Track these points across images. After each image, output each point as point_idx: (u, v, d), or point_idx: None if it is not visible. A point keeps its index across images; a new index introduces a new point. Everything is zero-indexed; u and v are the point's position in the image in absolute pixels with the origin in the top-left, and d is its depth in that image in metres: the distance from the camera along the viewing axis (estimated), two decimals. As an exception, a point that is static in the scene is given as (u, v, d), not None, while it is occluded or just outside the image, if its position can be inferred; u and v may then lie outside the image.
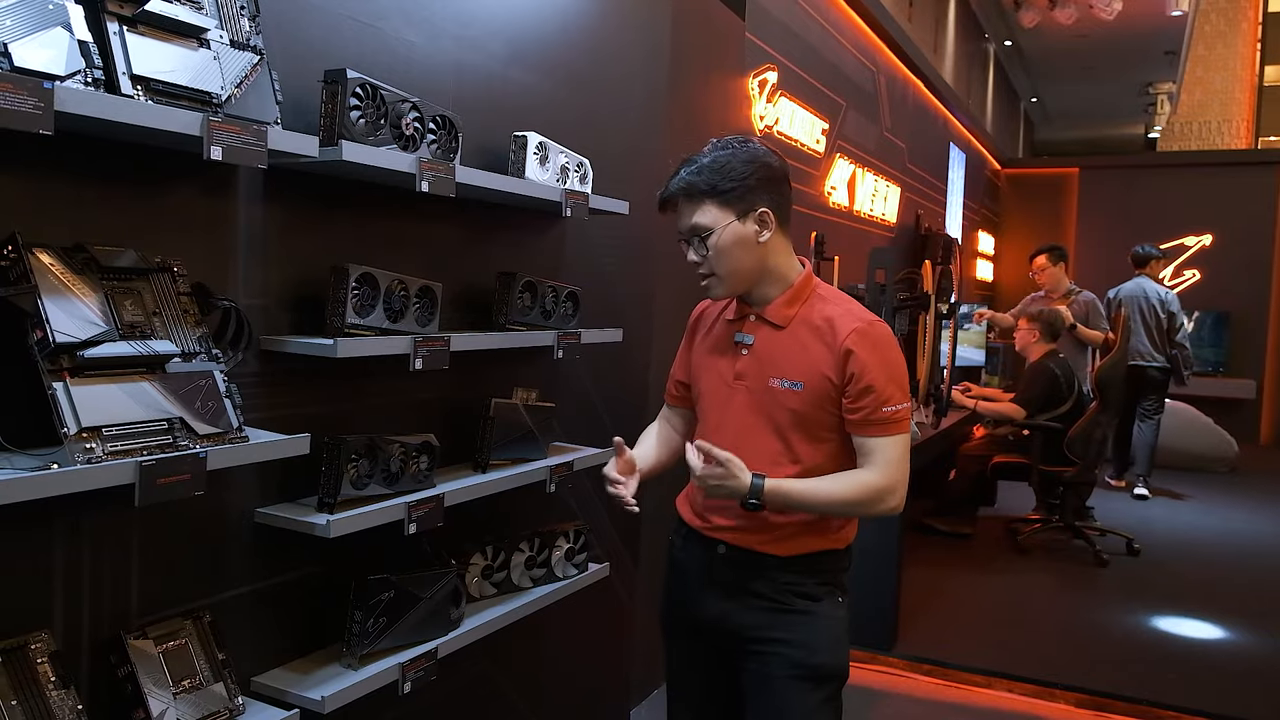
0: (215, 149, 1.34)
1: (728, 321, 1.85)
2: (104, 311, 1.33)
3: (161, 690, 1.44)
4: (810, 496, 1.70)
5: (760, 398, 1.76)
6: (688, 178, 1.72)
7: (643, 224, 2.73)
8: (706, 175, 1.71)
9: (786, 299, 1.78)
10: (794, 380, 1.73)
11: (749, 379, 1.78)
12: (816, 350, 1.73)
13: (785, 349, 1.76)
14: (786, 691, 1.76)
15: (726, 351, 1.82)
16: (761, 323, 1.79)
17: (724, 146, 1.75)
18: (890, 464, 1.72)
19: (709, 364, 1.85)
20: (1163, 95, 15.29)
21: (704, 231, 1.71)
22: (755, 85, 4.16)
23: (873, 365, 1.70)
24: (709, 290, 1.78)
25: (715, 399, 1.83)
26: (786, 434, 1.75)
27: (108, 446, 1.27)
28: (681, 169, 1.74)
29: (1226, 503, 6.79)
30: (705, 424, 1.86)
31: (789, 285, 1.78)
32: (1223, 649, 4.00)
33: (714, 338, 1.87)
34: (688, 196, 1.73)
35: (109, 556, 1.45)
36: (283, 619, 1.76)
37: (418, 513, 1.79)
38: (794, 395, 1.73)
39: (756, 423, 1.77)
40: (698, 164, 1.73)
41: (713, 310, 1.91)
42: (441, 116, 1.86)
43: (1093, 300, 5.96)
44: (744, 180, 1.71)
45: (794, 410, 1.73)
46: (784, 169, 1.79)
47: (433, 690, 2.08)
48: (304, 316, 1.75)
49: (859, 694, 3.48)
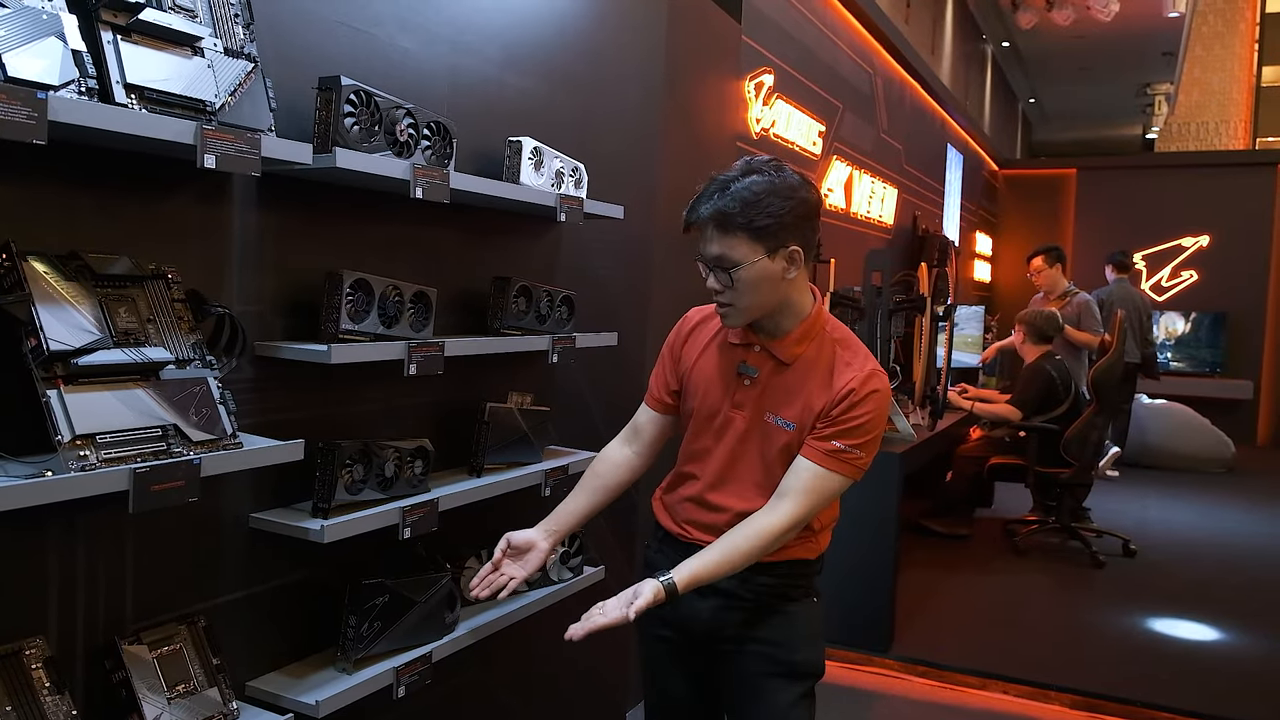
0: (209, 158, 1.35)
1: (731, 345, 1.82)
2: (98, 319, 1.33)
3: (156, 695, 1.45)
4: (719, 569, 1.69)
5: (754, 429, 1.77)
6: (722, 205, 1.63)
7: (638, 228, 2.73)
8: (742, 208, 1.63)
9: (797, 337, 1.75)
10: (789, 420, 1.74)
11: (747, 409, 1.77)
12: (816, 393, 1.73)
13: (787, 388, 1.75)
14: (764, 688, 1.78)
15: (728, 377, 1.80)
16: (767, 356, 1.77)
17: (760, 172, 1.66)
18: (805, 503, 1.69)
19: (708, 386, 1.83)
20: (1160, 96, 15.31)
21: (732, 265, 1.65)
22: (752, 88, 4.16)
23: (860, 406, 1.70)
24: (725, 319, 1.75)
25: (709, 422, 1.82)
26: (773, 467, 1.76)
27: (102, 454, 1.27)
28: (713, 191, 1.66)
29: (1223, 504, 6.80)
30: (694, 444, 1.85)
31: (801, 319, 1.75)
32: (1218, 650, 4.01)
33: (716, 359, 1.84)
34: (720, 227, 1.65)
35: (103, 562, 1.46)
36: (277, 624, 1.76)
37: (412, 517, 1.80)
38: (786, 434, 1.74)
39: (746, 452, 1.78)
40: (732, 192, 1.64)
41: (710, 325, 1.87)
42: (436, 123, 1.87)
43: (1088, 302, 5.96)
44: (780, 217, 1.64)
45: (784, 446, 1.74)
46: (818, 203, 1.73)
47: (427, 694, 2.09)
48: (298, 322, 1.75)
49: (854, 695, 3.49)
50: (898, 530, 3.88)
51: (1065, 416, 5.19)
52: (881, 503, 3.78)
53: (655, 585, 1.63)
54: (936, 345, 4.64)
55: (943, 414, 4.80)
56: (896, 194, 6.79)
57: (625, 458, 1.98)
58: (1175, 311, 9.89)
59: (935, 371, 4.66)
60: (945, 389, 4.87)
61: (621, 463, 1.98)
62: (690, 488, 1.85)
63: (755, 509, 1.74)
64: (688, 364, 1.88)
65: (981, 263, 10.38)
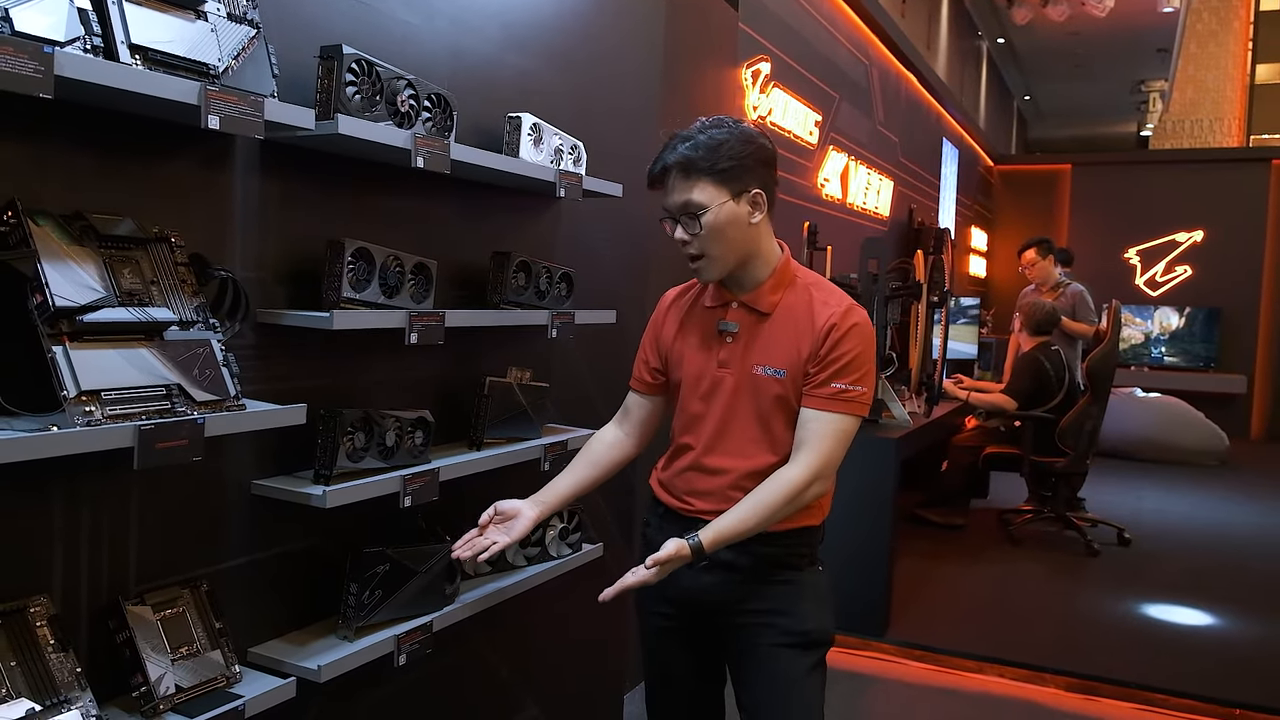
0: (213, 118, 1.36)
1: (707, 309, 1.85)
2: (102, 278, 1.34)
3: (159, 655, 1.45)
4: (746, 524, 1.70)
5: (744, 384, 1.78)
6: (685, 152, 1.70)
7: (636, 208, 2.74)
8: (704, 152, 1.69)
9: (771, 285, 1.78)
10: (777, 368, 1.75)
11: (733, 366, 1.79)
12: (800, 337, 1.75)
13: (770, 336, 1.77)
14: (776, 659, 1.78)
15: (709, 339, 1.83)
16: (745, 310, 1.79)
17: (718, 125, 1.73)
18: (820, 450, 1.71)
19: (690, 352, 1.85)
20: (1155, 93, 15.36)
21: (698, 209, 1.70)
22: (749, 76, 4.18)
23: (843, 342, 1.72)
24: (700, 272, 1.77)
25: (698, 387, 1.83)
26: (769, 420, 1.77)
27: (107, 410, 1.28)
28: (676, 144, 1.72)
29: (1217, 495, 6.83)
30: (685, 412, 1.86)
31: (772, 269, 1.79)
32: (1211, 635, 4.04)
33: (694, 325, 1.86)
34: (684, 172, 1.71)
35: (108, 524, 1.47)
36: (279, 591, 1.77)
37: (413, 486, 1.81)
38: (777, 383, 1.75)
39: (739, 409, 1.78)
40: (693, 140, 1.71)
41: (685, 299, 1.91)
42: (437, 95, 1.88)
43: (1081, 292, 6.00)
44: (742, 160, 1.70)
45: (777, 396, 1.75)
46: (774, 152, 1.79)
47: (427, 666, 2.10)
48: (300, 291, 1.76)
49: (851, 680, 3.51)
50: (894, 514, 3.90)
51: (1060, 406, 5.22)
52: (878, 486, 3.80)
53: (680, 542, 1.65)
54: (932, 333, 4.66)
55: (938, 401, 4.82)
56: (893, 186, 6.81)
57: (616, 438, 2.00)
58: (1169, 307, 9.93)
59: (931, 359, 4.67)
60: (941, 376, 4.89)
61: (613, 442, 2.00)
62: (687, 457, 1.85)
63: (757, 466, 1.75)
64: (669, 339, 1.90)
65: (977, 258, 10.41)
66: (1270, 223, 9.64)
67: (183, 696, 1.46)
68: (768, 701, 1.79)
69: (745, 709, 1.83)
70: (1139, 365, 9.86)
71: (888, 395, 4.26)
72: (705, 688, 1.93)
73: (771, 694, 1.79)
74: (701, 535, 1.67)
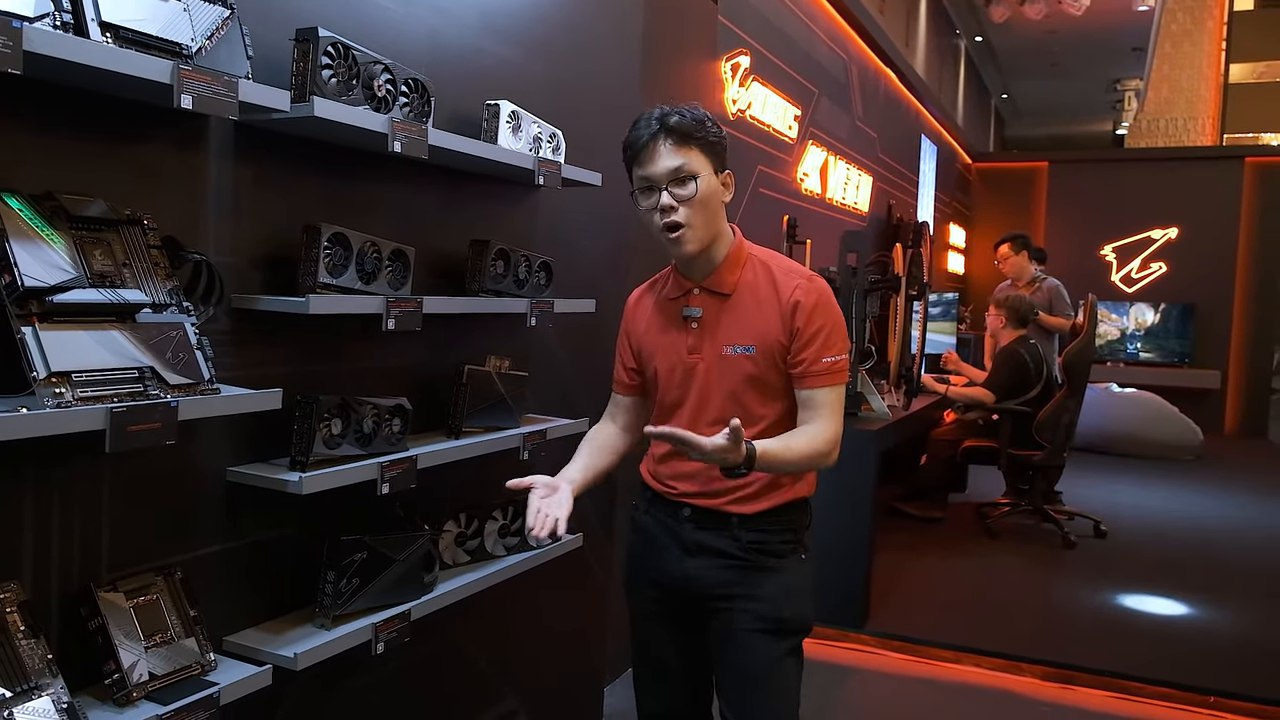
0: (185, 97, 1.34)
1: (670, 300, 1.86)
2: (73, 259, 1.32)
3: (132, 643, 1.44)
4: (786, 455, 1.70)
5: (714, 367, 1.79)
6: (676, 121, 1.70)
7: (615, 198, 2.73)
8: (695, 122, 1.71)
9: (728, 266, 1.80)
10: (746, 345, 1.77)
11: (702, 350, 1.80)
12: (764, 312, 1.77)
13: (734, 316, 1.79)
14: (751, 644, 1.79)
15: (676, 329, 1.84)
16: (707, 294, 1.81)
17: (693, 106, 1.75)
18: (834, 416, 1.77)
19: (660, 346, 1.86)
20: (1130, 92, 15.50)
21: (692, 175, 1.70)
22: (728, 69, 4.18)
23: (816, 316, 1.75)
24: (680, 244, 1.74)
25: (672, 378, 1.84)
26: (742, 397, 1.78)
27: (78, 392, 1.26)
28: (660, 114, 1.71)
29: (1191, 489, 6.91)
30: (664, 405, 1.87)
31: (729, 248, 1.81)
32: (1185, 624, 4.08)
33: (660, 319, 1.87)
34: (678, 138, 1.70)
35: (80, 509, 1.45)
36: (255, 580, 1.76)
37: (391, 473, 1.80)
38: (747, 360, 1.77)
39: (713, 392, 1.80)
40: (679, 111, 1.71)
41: (649, 296, 1.93)
42: (414, 80, 1.87)
43: (1057, 287, 6.06)
44: (722, 139, 1.75)
45: (748, 374, 1.77)
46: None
47: (405, 656, 2.09)
48: (276, 276, 1.74)
49: (830, 671, 3.52)
50: (873, 505, 3.91)
51: (1038, 399, 5.25)
52: (857, 479, 3.81)
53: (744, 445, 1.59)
54: (911, 326, 4.68)
55: (917, 394, 4.85)
56: (871, 182, 6.84)
57: (616, 431, 2.01)
58: (1145, 303, 10.03)
59: (909, 353, 4.70)
60: (920, 369, 4.91)
61: (614, 433, 2.01)
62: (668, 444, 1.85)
63: None
64: (639, 335, 1.92)
65: (955, 254, 10.47)
66: (1243, 220, 9.76)
67: (156, 684, 1.44)
68: (741, 686, 1.81)
69: (722, 692, 1.84)
70: (1115, 361, 9.95)
71: (867, 388, 4.28)
72: (693, 672, 1.93)
73: (744, 679, 1.81)
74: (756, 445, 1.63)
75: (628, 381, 1.98)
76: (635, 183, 1.76)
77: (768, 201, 4.84)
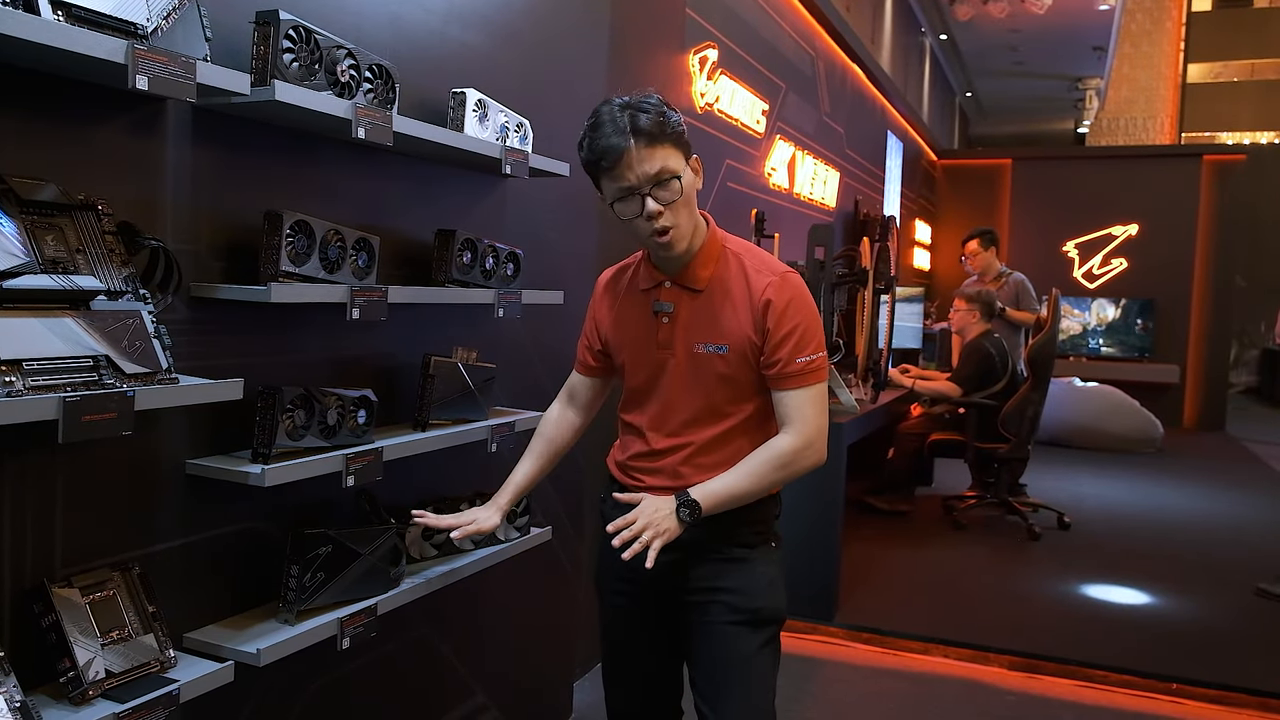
0: (141, 78, 1.30)
1: (642, 290, 1.81)
2: (24, 244, 1.28)
3: (88, 639, 1.40)
4: (737, 489, 1.70)
5: (685, 364, 1.76)
6: (643, 122, 1.61)
7: (584, 189, 2.71)
8: (658, 117, 1.63)
9: (701, 260, 1.75)
10: (718, 344, 1.73)
11: (674, 346, 1.77)
12: (736, 310, 1.73)
13: (706, 313, 1.75)
14: (727, 637, 1.77)
15: (646, 321, 1.80)
16: (679, 288, 1.77)
17: (645, 96, 1.66)
18: (806, 419, 1.72)
19: (630, 336, 1.83)
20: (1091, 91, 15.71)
21: (674, 174, 1.64)
22: (696, 62, 4.17)
23: (788, 316, 1.71)
24: (671, 245, 1.69)
25: (641, 371, 1.82)
26: (714, 395, 1.76)
27: (29, 381, 1.22)
28: (620, 117, 1.63)
29: (1152, 481, 7.01)
30: (631, 394, 1.86)
31: (703, 241, 1.76)
32: (1147, 613, 4.14)
33: (630, 308, 1.83)
34: (650, 140, 1.62)
35: (32, 502, 1.40)
36: (216, 576, 1.72)
37: (356, 466, 1.76)
38: (720, 359, 1.73)
39: (684, 389, 1.77)
40: (639, 107, 1.63)
41: (621, 281, 1.88)
42: (378, 65, 1.84)
43: (1023, 281, 6.12)
44: (682, 125, 1.69)
45: (721, 374, 1.74)
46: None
47: (372, 651, 2.06)
48: (236, 265, 1.71)
49: (800, 663, 3.53)
50: (843, 498, 3.92)
51: (1003, 393, 5.30)
52: (827, 473, 3.80)
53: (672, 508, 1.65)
54: (878, 319, 4.70)
55: (885, 387, 4.87)
56: (839, 177, 6.86)
57: (568, 419, 2.00)
58: (1105, 298, 10.17)
59: (877, 346, 4.72)
60: (887, 362, 4.94)
61: (565, 422, 1.99)
62: (636, 438, 1.85)
63: (704, 440, 1.75)
64: (606, 323, 1.88)
65: (921, 250, 10.55)
66: (1201, 217, 9.92)
67: (113, 682, 1.40)
68: (718, 678, 1.78)
69: (697, 686, 1.82)
70: (1077, 355, 10.08)
71: (835, 382, 4.29)
72: (663, 665, 1.92)
73: (721, 671, 1.78)
74: (693, 493, 1.66)
75: (591, 363, 1.95)
76: (611, 192, 1.68)
77: (737, 195, 4.84)
